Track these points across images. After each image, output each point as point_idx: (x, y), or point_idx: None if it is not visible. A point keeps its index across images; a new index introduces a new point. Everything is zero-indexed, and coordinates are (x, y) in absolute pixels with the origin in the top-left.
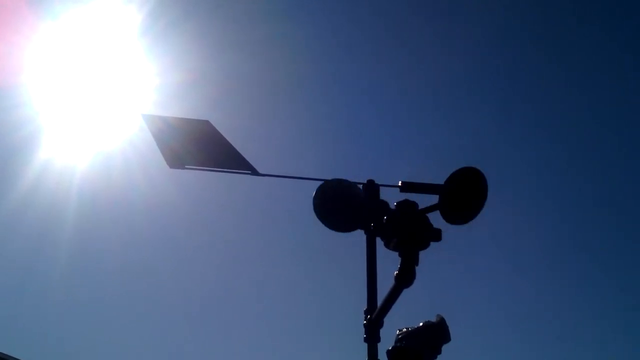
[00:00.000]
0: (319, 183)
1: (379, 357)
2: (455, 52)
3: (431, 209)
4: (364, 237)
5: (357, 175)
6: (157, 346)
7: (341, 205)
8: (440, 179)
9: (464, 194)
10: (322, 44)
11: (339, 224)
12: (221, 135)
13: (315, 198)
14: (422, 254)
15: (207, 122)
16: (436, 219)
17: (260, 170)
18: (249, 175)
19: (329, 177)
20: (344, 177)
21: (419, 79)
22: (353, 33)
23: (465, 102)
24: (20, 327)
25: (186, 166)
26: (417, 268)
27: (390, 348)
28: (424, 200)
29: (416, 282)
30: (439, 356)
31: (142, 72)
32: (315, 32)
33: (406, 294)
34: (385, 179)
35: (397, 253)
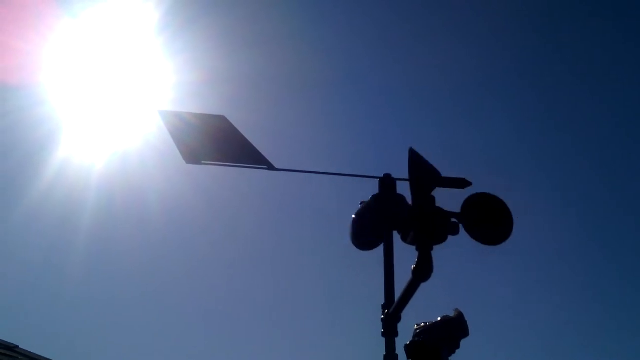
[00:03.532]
0: (335, 178)
1: (396, 352)
2: (473, 47)
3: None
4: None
5: (374, 169)
6: (173, 343)
7: (370, 230)
8: (456, 174)
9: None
10: (339, 40)
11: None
12: (237, 131)
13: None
14: (440, 248)
15: (223, 117)
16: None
17: (277, 166)
18: (265, 171)
19: (346, 172)
20: (360, 173)
21: (437, 74)
22: (369, 29)
23: (483, 99)
24: (37, 324)
25: (202, 162)
26: (434, 262)
27: (408, 343)
28: (440, 194)
29: (434, 277)
30: (457, 350)
31: (159, 70)
32: (331, 29)
33: (424, 288)
34: (402, 173)
35: (414, 247)
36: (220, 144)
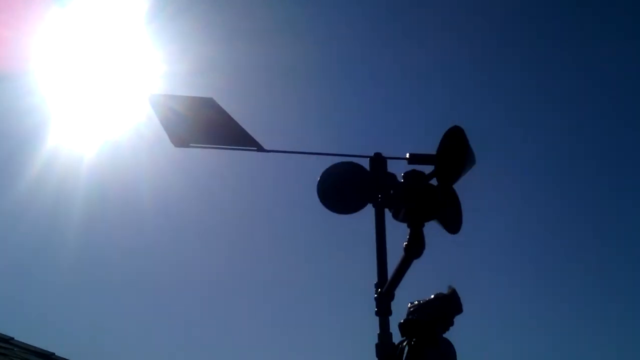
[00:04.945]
0: (325, 158)
1: (390, 330)
2: (462, 24)
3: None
4: (373, 210)
5: (364, 148)
6: (168, 338)
7: (346, 189)
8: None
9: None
10: (328, 24)
11: (348, 207)
12: (225, 112)
13: (318, 189)
14: (431, 224)
15: (211, 99)
16: None
17: (266, 147)
18: (255, 152)
19: (336, 152)
20: (350, 152)
21: (427, 50)
22: (358, 10)
23: (477, 75)
24: (33, 316)
25: (191, 144)
26: (427, 239)
27: (402, 321)
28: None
29: (427, 254)
30: (451, 328)
31: (150, 59)
32: (321, 15)
33: (418, 266)
34: (393, 152)
35: (405, 224)
36: (209, 126)
